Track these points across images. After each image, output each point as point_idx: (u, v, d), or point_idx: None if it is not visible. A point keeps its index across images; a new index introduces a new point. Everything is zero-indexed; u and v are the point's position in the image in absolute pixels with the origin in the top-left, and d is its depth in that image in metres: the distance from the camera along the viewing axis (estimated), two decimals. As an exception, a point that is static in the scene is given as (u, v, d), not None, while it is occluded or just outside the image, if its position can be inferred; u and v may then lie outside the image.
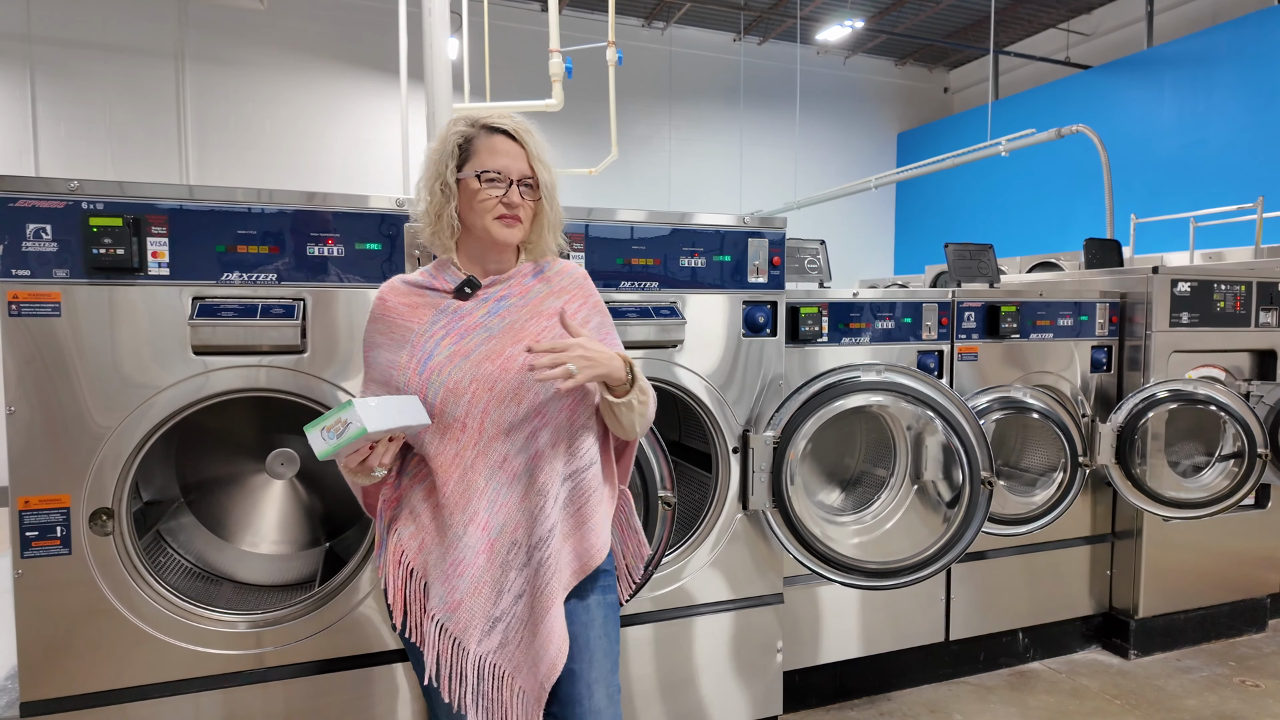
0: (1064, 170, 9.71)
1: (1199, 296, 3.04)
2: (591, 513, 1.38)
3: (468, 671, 1.31)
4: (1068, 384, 2.97)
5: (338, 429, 1.16)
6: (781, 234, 2.29)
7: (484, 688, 1.32)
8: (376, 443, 1.23)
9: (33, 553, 1.66)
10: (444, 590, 1.31)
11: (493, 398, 1.31)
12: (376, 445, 1.24)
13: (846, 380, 2.39)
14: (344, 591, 1.88)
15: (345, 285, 1.85)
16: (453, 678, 1.31)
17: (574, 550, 1.37)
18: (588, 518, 1.37)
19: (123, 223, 1.66)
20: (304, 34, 9.05)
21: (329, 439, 1.16)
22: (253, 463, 2.15)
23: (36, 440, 1.65)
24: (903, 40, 11.43)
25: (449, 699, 1.32)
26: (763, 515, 2.29)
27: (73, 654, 1.70)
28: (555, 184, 1.40)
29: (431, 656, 1.32)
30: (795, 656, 2.57)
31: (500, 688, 1.32)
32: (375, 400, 1.20)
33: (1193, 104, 8.42)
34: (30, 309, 1.63)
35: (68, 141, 8.17)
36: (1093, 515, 3.07)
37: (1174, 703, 2.70)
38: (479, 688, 1.31)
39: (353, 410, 1.15)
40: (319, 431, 1.17)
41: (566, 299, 1.43)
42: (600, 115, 7.20)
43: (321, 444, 1.16)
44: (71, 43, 8.15)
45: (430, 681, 1.33)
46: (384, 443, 1.25)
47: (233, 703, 1.82)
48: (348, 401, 1.16)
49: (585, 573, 1.37)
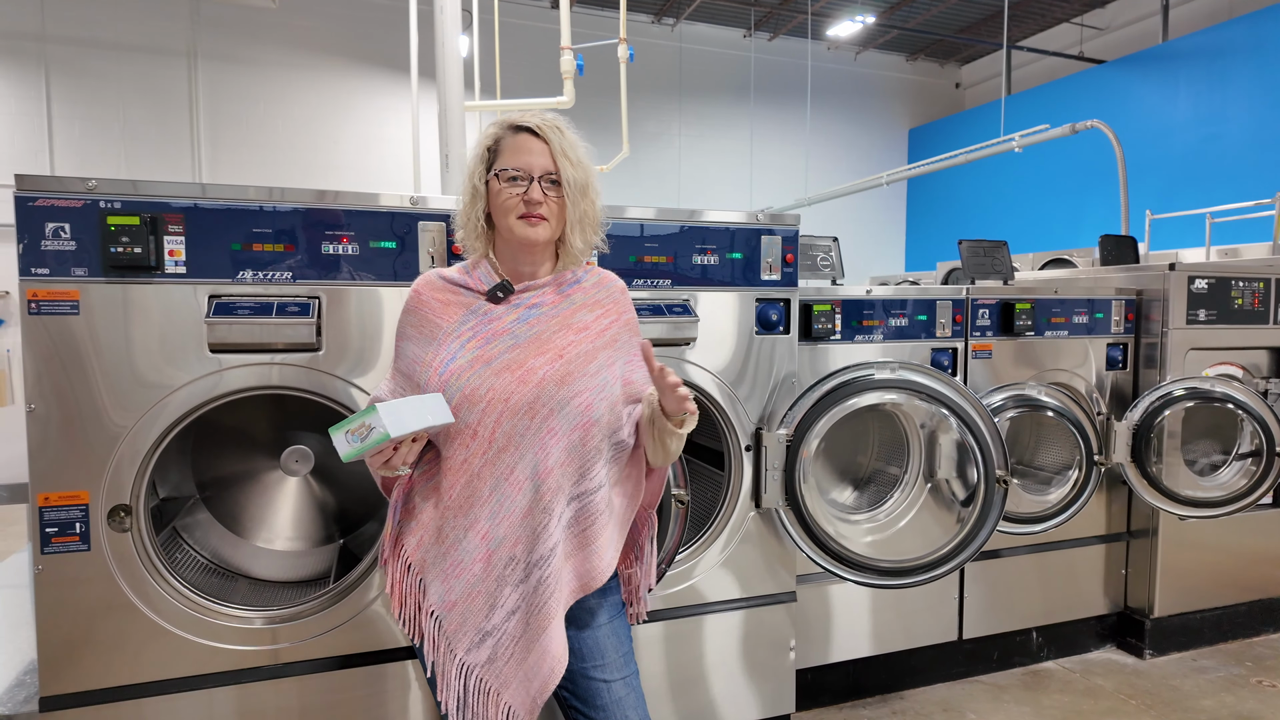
0: (1077, 166, 9.64)
1: (1216, 293, 3.01)
2: (596, 535, 1.35)
3: (452, 679, 1.31)
4: (1083, 382, 2.95)
5: (362, 433, 1.17)
6: (795, 231, 2.28)
7: (469, 699, 1.31)
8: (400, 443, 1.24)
9: (52, 549, 1.67)
10: (443, 589, 1.32)
11: (507, 409, 1.29)
12: (400, 445, 1.24)
13: (860, 378, 2.38)
14: (358, 589, 1.89)
15: (359, 283, 1.85)
16: (443, 678, 1.32)
17: (575, 570, 1.35)
18: (592, 540, 1.35)
19: (140, 221, 1.67)
20: (315, 32, 9.09)
21: (353, 442, 1.17)
22: (267, 459, 2.16)
23: (56, 437, 1.66)
24: (914, 35, 11.37)
25: (439, 698, 1.32)
26: (776, 513, 2.28)
27: (91, 649, 1.71)
28: (587, 181, 1.37)
29: (429, 649, 1.33)
30: (806, 655, 2.57)
31: (486, 703, 1.31)
32: (399, 402, 1.20)
33: (1209, 99, 8.33)
34: (50, 307, 1.65)
35: (82, 140, 8.24)
36: (1108, 514, 3.04)
37: (1190, 703, 2.68)
38: (464, 699, 1.31)
39: (377, 415, 1.16)
40: (344, 435, 1.18)
41: (599, 313, 1.41)
42: (610, 112, 7.20)
43: (346, 447, 1.18)
44: (85, 42, 8.21)
45: (431, 673, 1.34)
46: (407, 443, 1.25)
47: (247, 698, 1.83)
48: (371, 407, 1.17)
49: (584, 592, 1.36)
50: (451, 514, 1.32)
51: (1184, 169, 8.51)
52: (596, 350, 1.37)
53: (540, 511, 1.30)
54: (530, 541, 1.30)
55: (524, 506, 1.30)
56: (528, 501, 1.30)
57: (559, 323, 1.37)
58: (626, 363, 1.42)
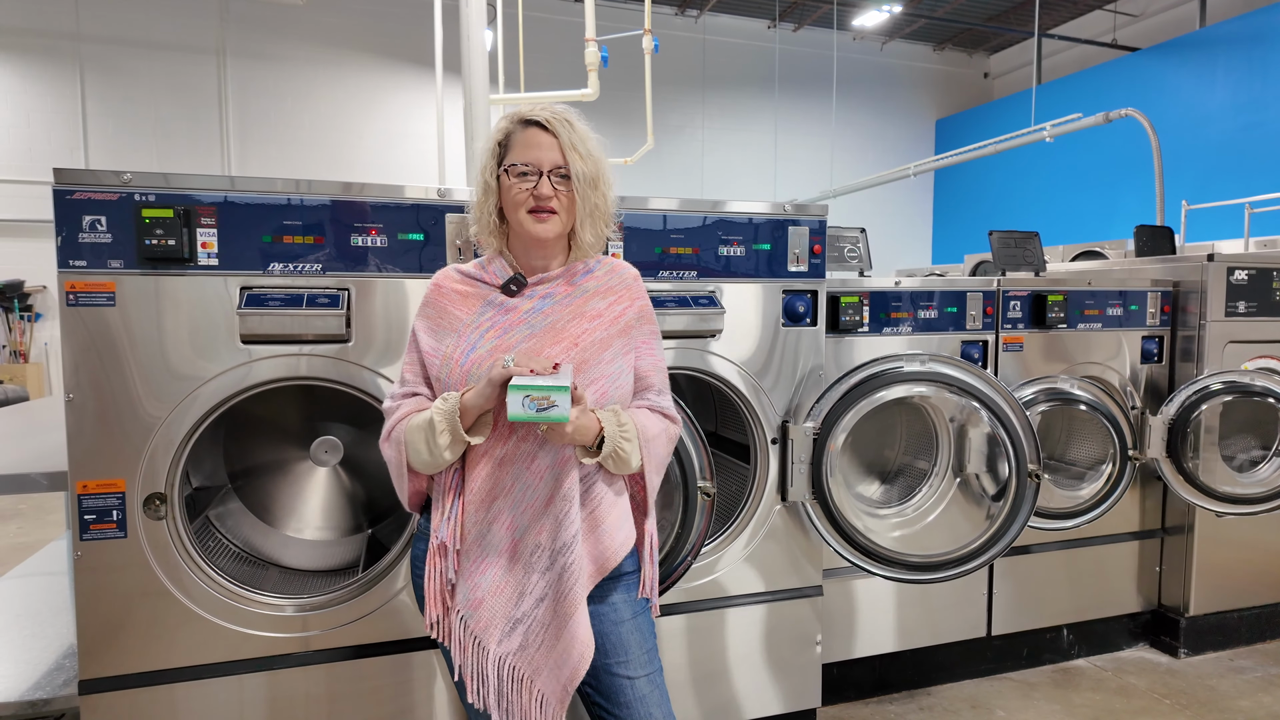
0: (1108, 157, 9.43)
1: (1257, 285, 2.93)
2: (604, 515, 1.37)
3: (489, 671, 1.31)
4: (1116, 375, 2.89)
5: (542, 403, 1.15)
6: (822, 222, 2.26)
7: (504, 689, 1.32)
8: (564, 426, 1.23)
9: (91, 535, 1.71)
10: (467, 587, 1.32)
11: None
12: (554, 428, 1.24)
13: (889, 370, 2.35)
14: (386, 578, 1.91)
15: (386, 275, 1.86)
16: (475, 677, 1.32)
17: (590, 554, 1.36)
18: (601, 520, 1.36)
19: (174, 214, 1.69)
20: (341, 28, 9.16)
21: (528, 408, 1.15)
22: (297, 450, 2.19)
23: (94, 426, 1.70)
24: (942, 24, 11.18)
25: (472, 699, 1.33)
26: (802, 507, 2.27)
27: (128, 634, 1.75)
28: (599, 173, 1.37)
29: (456, 652, 1.33)
30: (831, 650, 2.55)
31: (520, 690, 1.32)
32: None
33: (1248, 86, 8.11)
34: (87, 299, 1.68)
35: (116, 137, 8.40)
36: (1141, 510, 2.98)
37: (1226, 703, 2.63)
38: (499, 688, 1.31)
39: (565, 395, 1.15)
40: (522, 397, 1.16)
41: (612, 299, 1.42)
42: (633, 105, 7.18)
43: (519, 409, 1.16)
44: (119, 41, 8.36)
45: (458, 676, 1.34)
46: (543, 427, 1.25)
47: (278, 685, 1.86)
48: (564, 386, 1.16)
49: (603, 574, 1.36)
50: (475, 505, 1.33)
51: (1221, 158, 8.29)
52: (611, 338, 1.38)
53: (561, 499, 1.31)
54: (554, 529, 1.31)
55: (546, 494, 1.31)
56: (549, 490, 1.31)
57: (572, 311, 1.38)
58: (636, 352, 1.43)
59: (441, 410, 1.28)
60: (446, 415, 1.28)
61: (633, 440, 1.34)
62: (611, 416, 1.32)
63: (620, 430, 1.32)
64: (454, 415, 1.27)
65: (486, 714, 1.33)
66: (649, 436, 1.37)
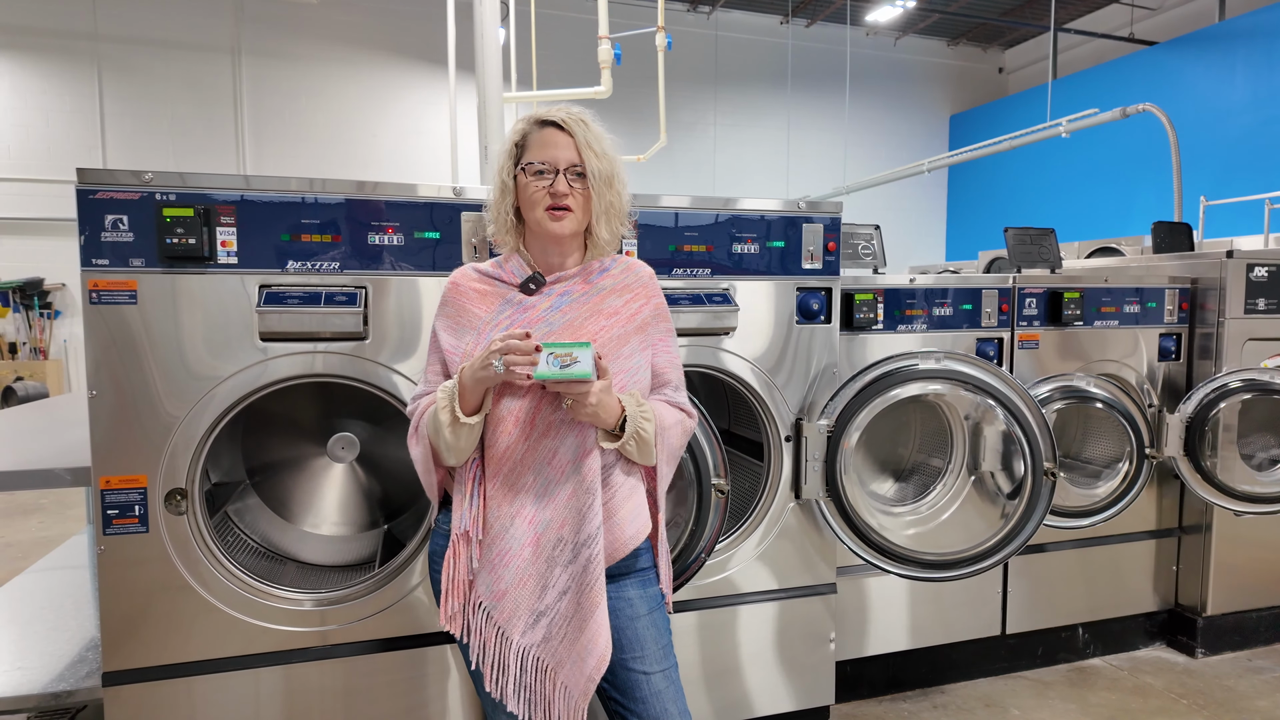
0: (1125, 152, 9.34)
1: (1277, 282, 2.89)
2: (619, 506, 1.39)
3: (510, 662, 1.32)
4: (1133, 373, 2.86)
5: (566, 360, 1.21)
6: (836, 219, 2.25)
7: (527, 679, 1.33)
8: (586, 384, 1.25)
9: (114, 530, 1.73)
10: (490, 579, 1.33)
11: (545, 395, 1.33)
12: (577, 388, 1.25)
13: (904, 368, 2.35)
14: (402, 574, 1.92)
15: (403, 273, 1.88)
16: (495, 667, 1.33)
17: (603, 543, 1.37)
18: (615, 510, 1.38)
19: (194, 213, 1.71)
20: (354, 27, 9.21)
21: (553, 365, 1.22)
22: (314, 446, 2.21)
23: (116, 422, 1.72)
24: (956, 19, 11.10)
25: (490, 688, 1.34)
26: (816, 505, 2.27)
27: (149, 627, 1.78)
28: (613, 172, 1.39)
29: (476, 644, 1.34)
30: (844, 647, 2.55)
31: (543, 680, 1.33)
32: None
33: (1268, 80, 8.00)
34: (109, 297, 1.70)
35: (133, 136, 8.49)
36: (1158, 509, 2.96)
37: (1244, 704, 2.60)
38: (521, 679, 1.33)
39: (588, 352, 1.22)
40: (548, 354, 1.23)
41: (629, 297, 1.44)
42: (646, 102, 7.17)
43: (545, 367, 1.22)
44: (135, 41, 8.44)
45: (476, 667, 1.35)
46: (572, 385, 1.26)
47: (295, 678, 1.88)
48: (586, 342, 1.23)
49: (614, 559, 1.38)
50: (495, 502, 1.34)
51: (1240, 153, 8.19)
52: (628, 335, 1.40)
53: (584, 492, 1.32)
54: (577, 522, 1.32)
55: (569, 489, 1.33)
56: (572, 485, 1.33)
57: (590, 309, 1.40)
58: (653, 349, 1.45)
59: (445, 388, 1.32)
60: (447, 393, 1.31)
61: (652, 421, 1.36)
62: (631, 399, 1.34)
63: (640, 411, 1.34)
64: (453, 393, 1.30)
65: (503, 704, 1.34)
66: (664, 425, 1.39)
